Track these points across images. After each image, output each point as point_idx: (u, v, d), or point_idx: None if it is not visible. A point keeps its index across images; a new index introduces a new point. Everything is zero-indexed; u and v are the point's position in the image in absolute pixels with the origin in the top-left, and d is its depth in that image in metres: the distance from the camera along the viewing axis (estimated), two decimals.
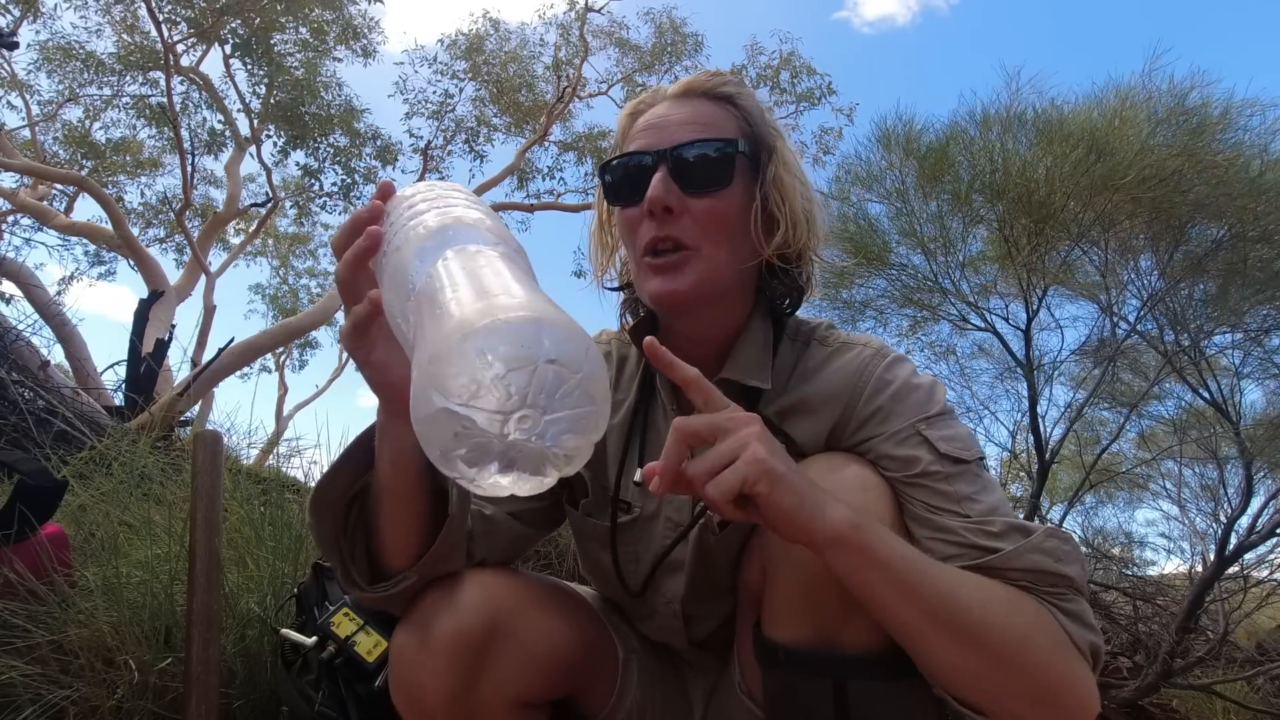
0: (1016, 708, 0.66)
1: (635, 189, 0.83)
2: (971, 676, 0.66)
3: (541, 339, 0.42)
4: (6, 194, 8.90)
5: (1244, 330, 2.62)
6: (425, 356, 0.43)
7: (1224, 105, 2.49)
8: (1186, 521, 3.12)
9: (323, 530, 0.79)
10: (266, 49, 8.70)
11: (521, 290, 0.46)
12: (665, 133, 0.84)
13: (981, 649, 0.65)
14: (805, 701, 0.72)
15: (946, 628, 0.65)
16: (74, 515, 1.76)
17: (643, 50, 10.47)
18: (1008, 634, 0.66)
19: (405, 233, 0.55)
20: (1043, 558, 0.70)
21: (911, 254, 3.04)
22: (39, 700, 1.22)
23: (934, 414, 0.80)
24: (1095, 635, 0.70)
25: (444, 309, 0.45)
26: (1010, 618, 0.67)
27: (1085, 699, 0.67)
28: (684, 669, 1.02)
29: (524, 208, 10.69)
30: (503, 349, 0.41)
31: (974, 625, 0.66)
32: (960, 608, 0.66)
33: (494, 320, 0.41)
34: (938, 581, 0.67)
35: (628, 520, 0.92)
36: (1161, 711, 2.54)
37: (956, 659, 0.66)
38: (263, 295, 13.83)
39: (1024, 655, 0.66)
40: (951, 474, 0.75)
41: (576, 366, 0.43)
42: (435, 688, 0.75)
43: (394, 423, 0.70)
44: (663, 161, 0.82)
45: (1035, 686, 0.66)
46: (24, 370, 3.20)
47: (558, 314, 0.44)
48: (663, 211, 0.81)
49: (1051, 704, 0.66)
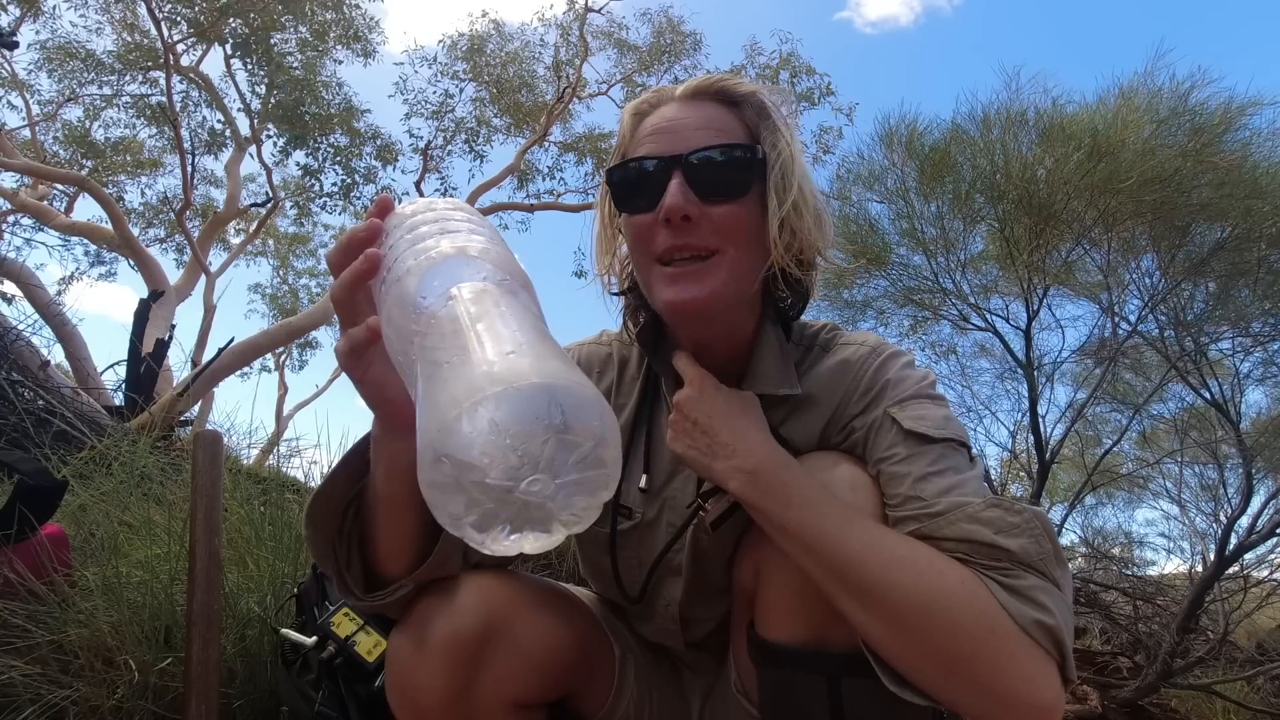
0: (935, 681, 0.64)
1: (648, 195, 0.81)
2: (878, 641, 0.66)
3: (554, 407, 0.41)
4: (7, 194, 8.90)
5: (1245, 331, 2.61)
6: (433, 423, 0.41)
7: (1226, 104, 2.49)
8: (1187, 521, 3.12)
9: (318, 539, 0.78)
10: (267, 49, 8.70)
11: (531, 345, 0.44)
12: (678, 137, 0.82)
13: (881, 609, 0.64)
14: (800, 699, 0.72)
15: (845, 586, 0.66)
16: (74, 515, 1.76)
17: (642, 50, 10.47)
18: (910, 596, 0.64)
19: (405, 262, 0.53)
20: (977, 528, 0.68)
21: (912, 254, 3.04)
22: (39, 700, 1.22)
23: (907, 396, 0.80)
24: (1046, 615, 0.64)
25: (451, 367, 0.44)
26: (919, 580, 0.65)
27: (1016, 680, 0.62)
28: (681, 669, 1.02)
29: (524, 208, 10.70)
30: (514, 419, 0.40)
31: (875, 585, 0.65)
32: (863, 567, 0.66)
33: (505, 389, 0.40)
34: (846, 541, 0.67)
35: (629, 526, 0.92)
36: (1161, 711, 2.54)
37: (861, 619, 0.66)
38: (263, 295, 13.86)
39: (930, 619, 0.63)
40: (915, 453, 0.75)
41: (589, 433, 0.42)
42: (432, 689, 0.75)
43: (390, 435, 0.69)
44: (677, 168, 0.80)
45: (947, 656, 0.63)
46: (24, 370, 3.20)
47: (568, 373, 0.43)
48: (681, 220, 0.79)
49: (966, 678, 0.62)
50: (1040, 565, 0.67)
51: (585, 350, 1.01)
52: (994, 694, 0.62)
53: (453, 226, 0.57)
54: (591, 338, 1.03)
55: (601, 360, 0.99)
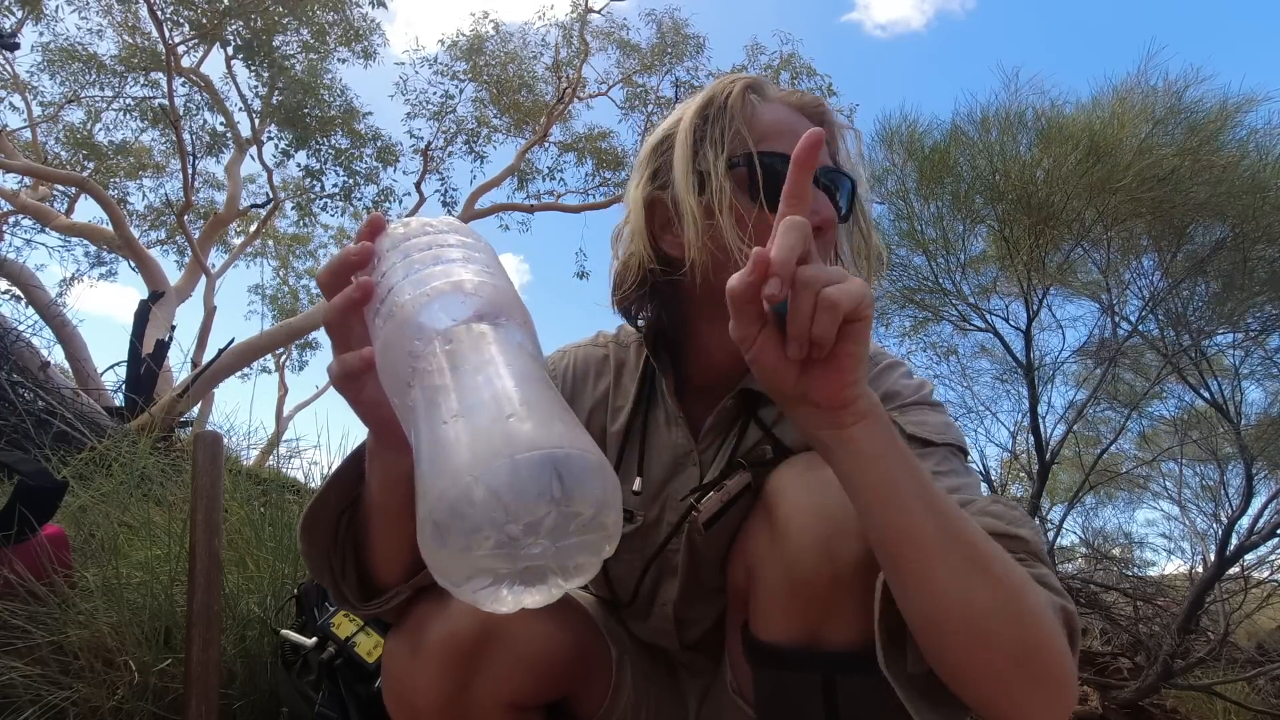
0: (997, 663, 0.59)
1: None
2: (976, 606, 0.58)
3: (555, 480, 0.40)
4: (7, 195, 8.91)
5: (1245, 330, 2.62)
6: (433, 493, 0.41)
7: (1221, 102, 2.49)
8: (1187, 522, 3.12)
9: (314, 552, 0.78)
10: (268, 50, 8.71)
11: (531, 406, 0.44)
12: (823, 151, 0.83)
13: (988, 575, 0.58)
14: (795, 699, 0.72)
15: (959, 541, 0.58)
16: (74, 516, 1.76)
17: (643, 51, 10.48)
18: (1010, 570, 0.60)
19: (399, 296, 0.52)
20: (991, 520, 0.67)
21: (912, 255, 3.04)
22: (39, 701, 1.22)
23: (909, 402, 0.80)
24: (1066, 600, 0.63)
25: (448, 429, 0.43)
26: (1008, 559, 0.61)
27: (1069, 669, 0.60)
28: (678, 670, 1.02)
29: (524, 208, 10.71)
30: (514, 493, 0.40)
31: (984, 549, 0.59)
32: (971, 530, 0.60)
33: (505, 462, 0.40)
34: (949, 500, 0.61)
35: (630, 529, 0.91)
36: (1162, 712, 2.54)
37: (964, 582, 0.58)
38: (263, 296, 13.86)
39: (1024, 599, 0.59)
40: (919, 456, 0.73)
41: (591, 502, 0.42)
42: (428, 691, 0.75)
43: (385, 449, 0.68)
44: (838, 180, 0.82)
45: (1027, 638, 0.59)
46: (24, 371, 3.20)
47: (570, 437, 0.42)
48: (815, 231, 0.77)
49: (1031, 664, 0.59)
50: (1044, 555, 0.68)
51: (581, 353, 1.00)
52: (1045, 675, 0.59)
53: (448, 255, 0.55)
54: (587, 340, 1.03)
55: (598, 363, 0.99)
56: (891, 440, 0.59)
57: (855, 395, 0.58)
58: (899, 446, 0.60)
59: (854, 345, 0.56)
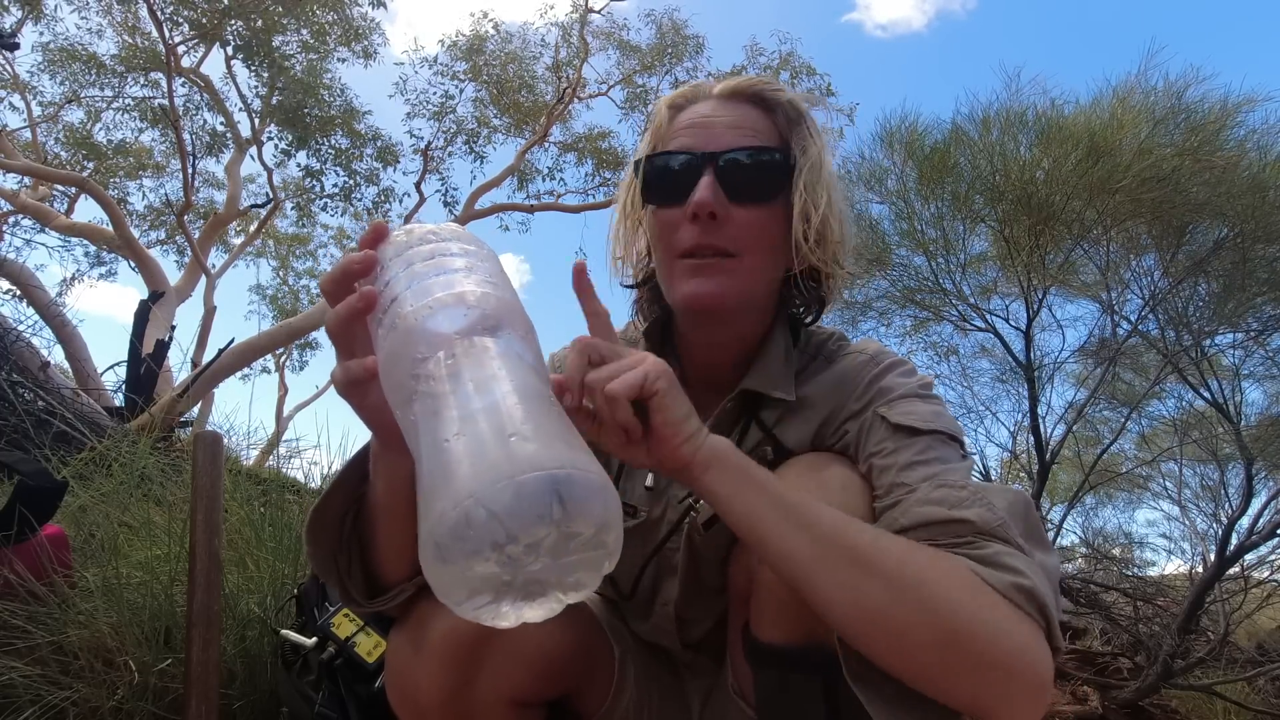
0: (920, 656, 0.60)
1: (678, 189, 0.81)
2: (870, 608, 0.61)
3: (556, 501, 0.41)
4: (7, 195, 8.90)
5: (1245, 330, 2.62)
6: (434, 515, 0.41)
7: (1221, 102, 2.49)
8: (1187, 522, 3.12)
9: (319, 551, 0.78)
10: (268, 50, 8.71)
11: (533, 425, 0.44)
12: (712, 134, 0.82)
13: (876, 574, 0.61)
14: (796, 701, 0.72)
15: (836, 551, 0.62)
16: (74, 516, 1.76)
17: (643, 51, 10.48)
18: (905, 564, 0.62)
19: (401, 306, 0.52)
20: (931, 509, 0.67)
21: (913, 255, 3.05)
22: (39, 701, 1.23)
23: (897, 396, 0.80)
24: (1019, 577, 0.62)
25: (450, 447, 0.43)
26: (907, 553, 0.64)
27: (1014, 649, 0.59)
28: (681, 671, 1.02)
29: (524, 208, 10.71)
30: (515, 516, 0.40)
31: (867, 550, 0.62)
32: (852, 535, 0.64)
33: (506, 484, 0.40)
34: (825, 512, 0.65)
35: (632, 525, 0.91)
36: (1162, 712, 2.54)
37: (851, 584, 0.61)
38: (263, 296, 13.87)
39: (925, 589, 0.61)
40: (901, 445, 0.75)
41: (591, 522, 0.42)
42: (430, 688, 0.75)
43: (390, 452, 0.68)
44: (710, 165, 0.80)
45: (941, 625, 0.59)
46: (24, 371, 3.20)
47: (571, 457, 0.42)
48: (708, 217, 0.79)
49: (955, 650, 0.59)
50: (1000, 532, 0.66)
51: None
52: (985, 663, 0.59)
53: (451, 264, 0.55)
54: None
55: None
56: (744, 478, 0.66)
57: (690, 453, 0.66)
58: (755, 480, 0.66)
59: (663, 415, 0.64)
